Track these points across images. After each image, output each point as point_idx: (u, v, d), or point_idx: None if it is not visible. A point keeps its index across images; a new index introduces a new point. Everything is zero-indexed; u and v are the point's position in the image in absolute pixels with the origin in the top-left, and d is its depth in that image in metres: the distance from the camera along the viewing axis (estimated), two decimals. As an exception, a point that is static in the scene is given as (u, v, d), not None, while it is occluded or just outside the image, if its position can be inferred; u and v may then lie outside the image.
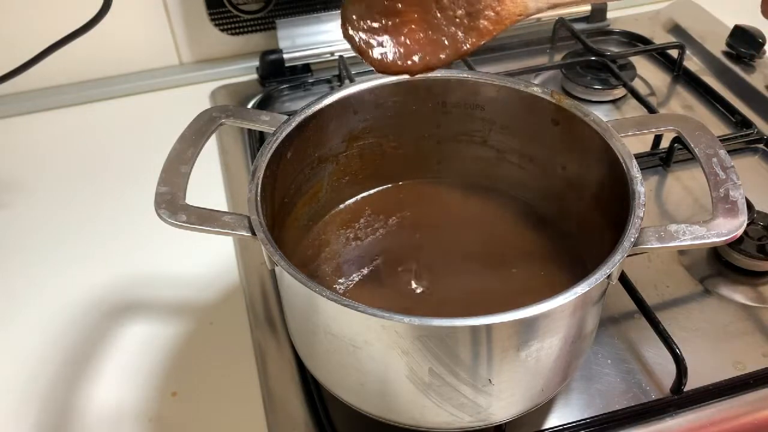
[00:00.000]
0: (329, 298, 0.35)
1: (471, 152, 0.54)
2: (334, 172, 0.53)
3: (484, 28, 0.41)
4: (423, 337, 0.35)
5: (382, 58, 0.42)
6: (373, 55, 0.41)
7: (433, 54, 0.42)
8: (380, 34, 0.42)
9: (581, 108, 0.47)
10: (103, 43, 0.72)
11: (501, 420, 0.42)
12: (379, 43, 0.41)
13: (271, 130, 0.46)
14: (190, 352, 0.52)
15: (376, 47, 0.41)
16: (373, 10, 0.42)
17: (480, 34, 0.41)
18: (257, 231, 0.39)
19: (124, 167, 0.69)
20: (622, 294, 0.51)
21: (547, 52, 0.83)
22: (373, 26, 0.41)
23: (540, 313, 0.35)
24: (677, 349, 0.47)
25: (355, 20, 0.41)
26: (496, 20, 0.41)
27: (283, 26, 0.77)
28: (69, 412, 0.48)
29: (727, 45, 0.80)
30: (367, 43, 0.41)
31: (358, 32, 0.41)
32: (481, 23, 0.41)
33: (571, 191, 0.51)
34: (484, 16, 0.41)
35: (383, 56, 0.41)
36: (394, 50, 0.42)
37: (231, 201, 0.64)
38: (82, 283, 0.57)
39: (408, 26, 0.41)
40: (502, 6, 0.41)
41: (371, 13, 0.41)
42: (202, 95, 0.78)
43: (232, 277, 0.57)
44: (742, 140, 0.68)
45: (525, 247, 0.52)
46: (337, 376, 0.42)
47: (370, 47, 0.41)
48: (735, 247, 0.55)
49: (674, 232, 0.39)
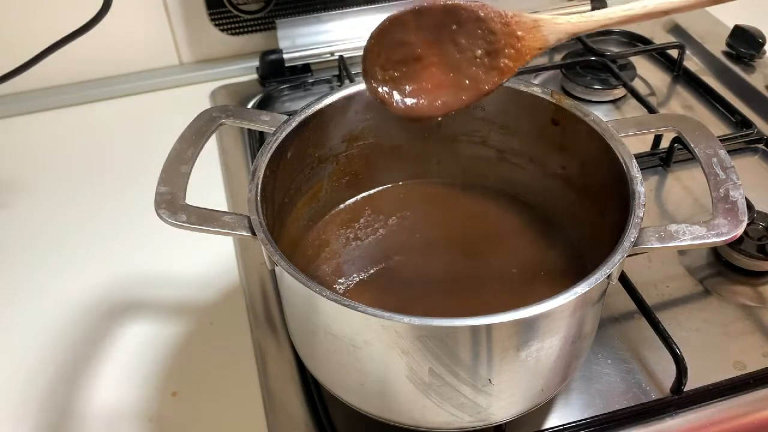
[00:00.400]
0: (329, 298, 0.35)
1: (471, 152, 0.54)
2: (334, 172, 0.53)
3: (504, 66, 0.41)
4: (423, 337, 0.35)
5: (406, 107, 0.42)
6: (397, 104, 0.42)
7: (455, 97, 0.42)
8: (402, 83, 0.42)
9: (581, 108, 0.47)
10: (103, 43, 0.72)
11: (501, 420, 0.42)
12: (402, 92, 0.42)
13: (271, 130, 0.46)
14: (190, 352, 0.52)
15: (399, 96, 0.42)
16: (393, 59, 0.42)
17: (501, 73, 0.41)
18: (257, 231, 0.39)
19: (124, 167, 0.69)
20: (622, 294, 0.51)
21: (547, 52, 0.83)
22: (394, 75, 0.41)
23: (540, 313, 0.35)
24: (677, 349, 0.47)
25: (377, 72, 0.41)
26: (517, 57, 0.41)
27: (283, 26, 0.77)
28: (69, 412, 0.48)
29: (727, 45, 0.80)
30: (390, 93, 0.41)
31: (380, 85, 0.41)
32: (501, 61, 0.41)
33: (571, 191, 0.51)
34: (504, 54, 0.41)
35: (407, 104, 0.42)
36: (417, 97, 0.42)
37: (231, 201, 0.64)
38: (82, 283, 0.57)
39: (428, 71, 0.41)
40: (521, 42, 0.40)
41: (392, 63, 0.41)
42: (202, 95, 0.78)
43: (232, 277, 0.57)
44: (742, 140, 0.68)
45: (525, 247, 0.52)
46: (337, 376, 0.42)
47: (393, 97, 0.41)
48: (735, 247, 0.55)
49: (674, 232, 0.39)
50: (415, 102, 0.42)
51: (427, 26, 0.41)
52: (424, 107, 0.42)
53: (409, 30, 0.41)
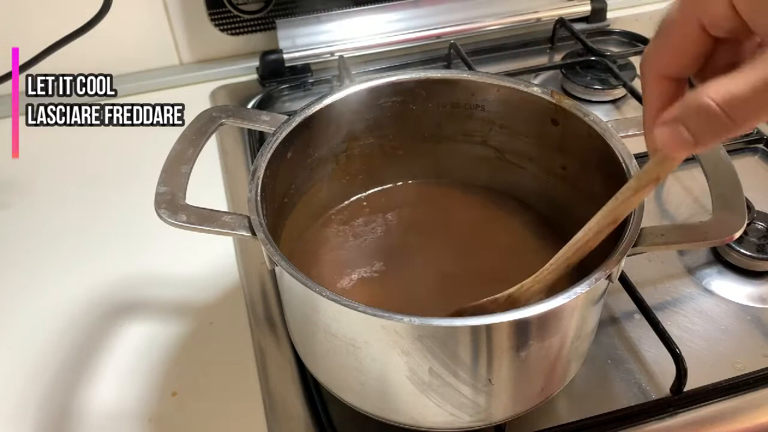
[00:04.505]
0: (329, 298, 0.35)
1: (471, 152, 0.54)
2: (334, 172, 0.53)
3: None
4: (423, 337, 0.35)
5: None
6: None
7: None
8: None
9: (581, 108, 0.47)
10: (103, 43, 0.72)
11: (501, 420, 0.42)
12: None
13: (271, 130, 0.46)
14: (190, 352, 0.52)
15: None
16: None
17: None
18: (257, 231, 0.39)
19: (124, 167, 0.69)
20: (622, 294, 0.51)
21: (547, 52, 0.83)
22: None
23: (540, 313, 0.35)
24: (677, 349, 0.47)
25: None
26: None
27: (283, 26, 0.77)
28: (69, 412, 0.48)
29: (727, 45, 0.80)
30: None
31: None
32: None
33: (571, 191, 0.51)
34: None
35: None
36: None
37: (231, 201, 0.64)
38: (82, 283, 0.57)
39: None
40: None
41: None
42: (202, 95, 0.78)
43: (232, 277, 0.57)
44: (742, 140, 0.67)
45: (525, 247, 0.52)
46: (337, 376, 0.42)
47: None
48: (735, 247, 0.55)
49: (674, 232, 0.39)
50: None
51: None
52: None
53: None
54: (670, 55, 0.31)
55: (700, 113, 0.28)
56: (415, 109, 0.52)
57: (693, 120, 0.28)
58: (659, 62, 0.31)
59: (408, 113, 0.52)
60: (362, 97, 0.50)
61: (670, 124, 0.29)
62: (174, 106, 0.63)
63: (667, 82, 0.32)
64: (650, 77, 0.32)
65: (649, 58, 0.32)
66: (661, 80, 0.32)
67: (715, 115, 0.27)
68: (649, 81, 0.32)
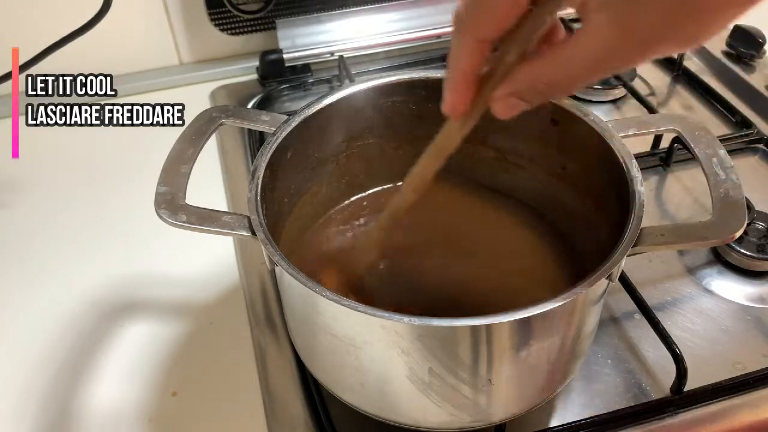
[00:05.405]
0: (329, 298, 0.35)
1: (471, 152, 0.54)
2: (334, 172, 0.53)
3: None
4: (423, 337, 0.35)
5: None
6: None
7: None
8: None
9: (581, 108, 0.47)
10: (104, 43, 0.72)
11: (501, 420, 0.42)
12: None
13: (271, 130, 0.46)
14: (190, 352, 0.52)
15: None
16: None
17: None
18: (257, 231, 0.39)
19: (124, 167, 0.69)
20: (622, 294, 0.51)
21: (547, 52, 0.83)
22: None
23: (540, 313, 0.35)
24: (677, 349, 0.47)
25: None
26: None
27: (283, 26, 0.77)
28: (69, 412, 0.48)
29: (727, 45, 0.80)
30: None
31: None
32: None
33: (571, 191, 0.50)
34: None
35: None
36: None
37: (231, 201, 0.64)
38: (82, 283, 0.57)
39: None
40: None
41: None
42: (202, 95, 0.78)
43: (232, 277, 0.57)
44: (742, 140, 0.68)
45: (525, 247, 0.52)
46: (337, 376, 0.42)
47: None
48: (735, 247, 0.55)
49: (674, 232, 0.39)
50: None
51: None
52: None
53: None
54: (488, 23, 0.33)
55: (532, 90, 0.33)
56: (415, 109, 0.52)
57: (528, 94, 0.33)
58: (476, 28, 0.33)
59: (408, 113, 0.52)
60: (362, 97, 0.50)
61: (507, 99, 0.34)
62: (174, 106, 0.63)
63: (478, 44, 0.34)
64: (463, 40, 0.34)
65: (467, 22, 0.33)
66: (474, 42, 0.34)
67: (545, 90, 0.33)
68: (462, 44, 0.34)
